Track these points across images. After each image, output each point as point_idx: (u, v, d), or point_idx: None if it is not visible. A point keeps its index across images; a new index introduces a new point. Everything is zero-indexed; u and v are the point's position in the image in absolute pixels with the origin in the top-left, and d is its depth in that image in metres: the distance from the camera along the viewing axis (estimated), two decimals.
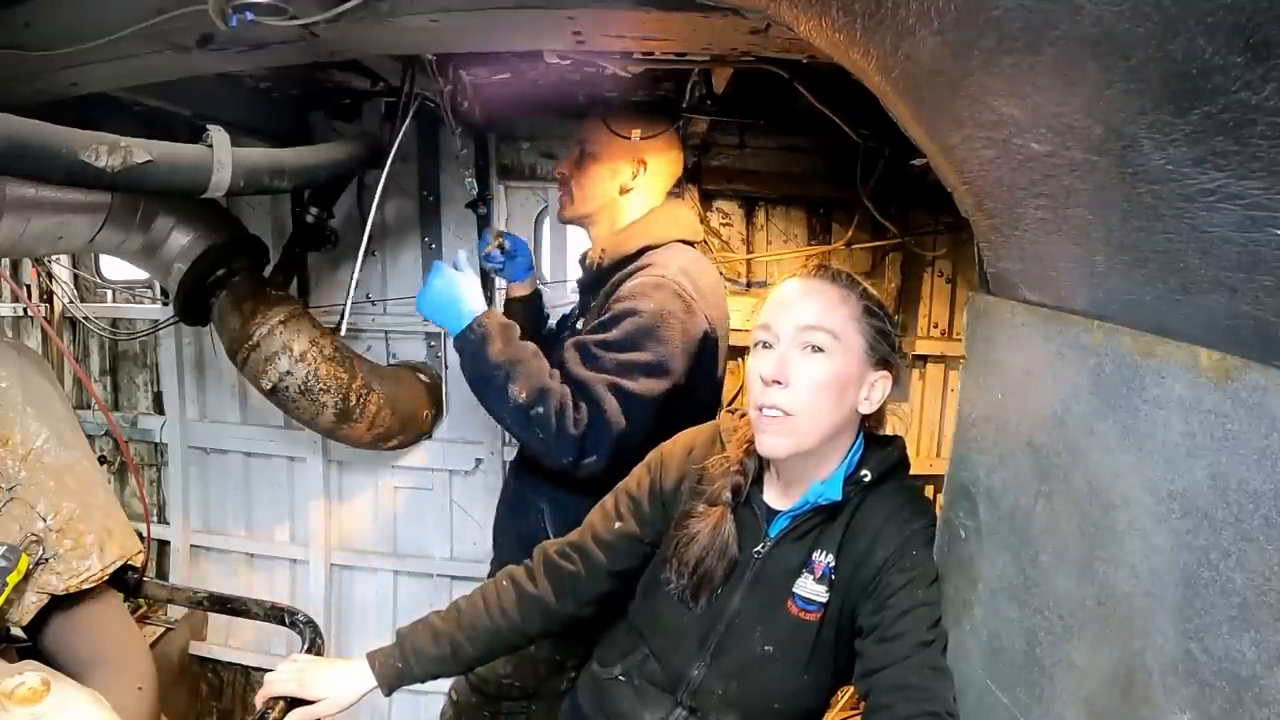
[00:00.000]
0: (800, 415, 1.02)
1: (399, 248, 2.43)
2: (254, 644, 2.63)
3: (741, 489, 1.12)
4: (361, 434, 2.17)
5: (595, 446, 1.43)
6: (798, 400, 1.02)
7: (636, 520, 1.21)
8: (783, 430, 1.03)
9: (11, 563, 1.22)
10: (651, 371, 1.44)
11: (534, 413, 1.42)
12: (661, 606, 1.17)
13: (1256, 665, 0.53)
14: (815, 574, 1.07)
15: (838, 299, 1.06)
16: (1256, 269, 0.51)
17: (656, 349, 1.44)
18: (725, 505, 1.11)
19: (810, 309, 1.05)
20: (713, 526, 1.10)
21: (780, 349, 1.04)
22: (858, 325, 1.05)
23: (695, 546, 1.11)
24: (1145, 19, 0.45)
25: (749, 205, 2.31)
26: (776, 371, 1.02)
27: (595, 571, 1.22)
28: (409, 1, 1.10)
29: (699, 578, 1.11)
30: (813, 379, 1.02)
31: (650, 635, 1.20)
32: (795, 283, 1.09)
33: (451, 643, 1.21)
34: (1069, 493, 0.75)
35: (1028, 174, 0.69)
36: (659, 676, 1.18)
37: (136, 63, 1.27)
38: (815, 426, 1.03)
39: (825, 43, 0.86)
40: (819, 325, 1.03)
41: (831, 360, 1.03)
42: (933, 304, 2.32)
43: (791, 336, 1.04)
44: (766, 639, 1.10)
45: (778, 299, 1.09)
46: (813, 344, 1.03)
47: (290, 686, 1.18)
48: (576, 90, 1.88)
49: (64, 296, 2.66)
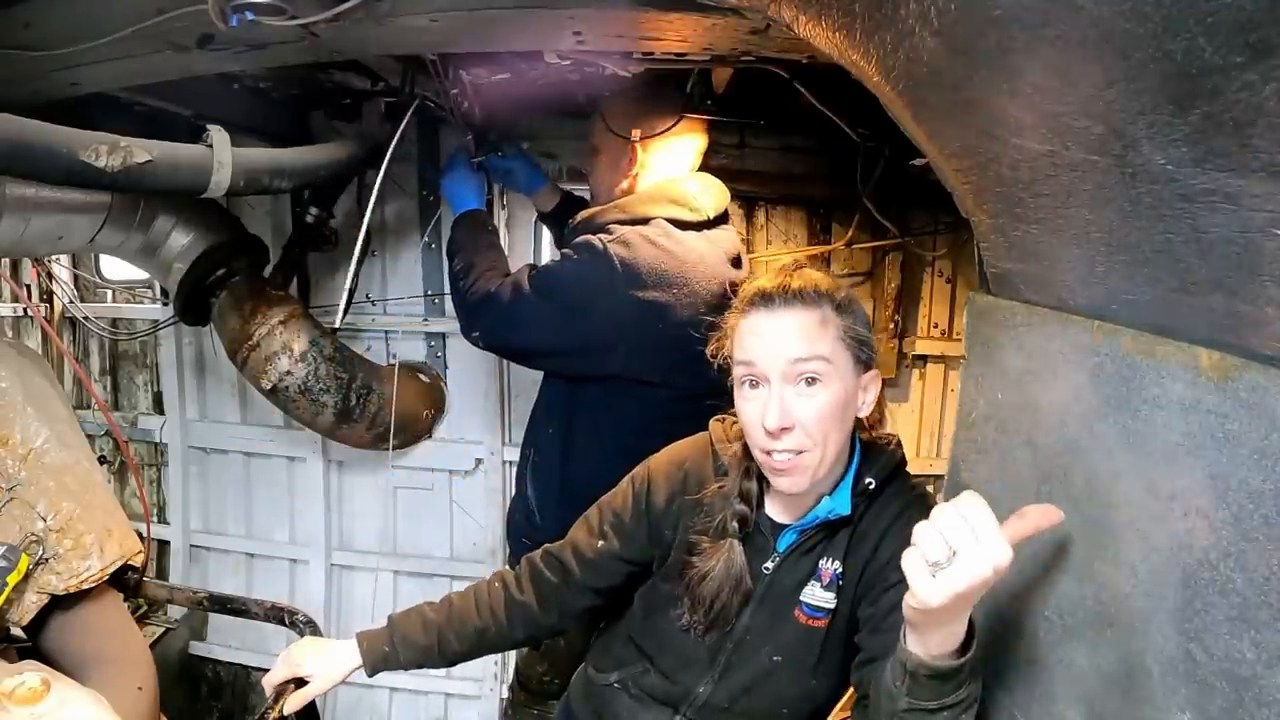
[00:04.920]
0: (813, 449, 0.98)
1: (399, 248, 2.43)
2: (254, 644, 2.62)
3: (748, 520, 1.08)
4: (361, 434, 2.17)
5: (479, 320, 1.64)
6: (808, 438, 0.97)
7: (620, 538, 1.18)
8: (798, 469, 0.99)
9: (11, 563, 1.22)
10: (548, 294, 1.55)
11: (460, 283, 1.68)
12: (668, 629, 1.15)
13: (1256, 665, 0.53)
14: (823, 581, 1.06)
15: (819, 321, 0.99)
16: (1256, 269, 0.51)
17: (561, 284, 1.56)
18: (733, 537, 1.08)
19: (795, 340, 0.98)
20: (725, 562, 1.07)
21: (774, 389, 0.98)
22: (843, 341, 0.99)
23: (710, 584, 1.08)
24: (1145, 19, 0.45)
25: (749, 205, 2.31)
26: (781, 419, 0.96)
27: (577, 587, 1.20)
28: (409, 1, 1.10)
29: (715, 614, 1.09)
30: (817, 413, 0.97)
31: (656, 655, 1.18)
32: (770, 312, 1.01)
33: (439, 635, 1.21)
34: (1069, 493, 0.75)
35: (1028, 174, 0.68)
36: (659, 691, 1.17)
37: (136, 63, 1.27)
38: (827, 454, 0.99)
39: (825, 43, 0.86)
40: (810, 355, 0.97)
41: (829, 387, 0.97)
42: (933, 304, 2.32)
43: (782, 373, 0.97)
44: (775, 650, 1.09)
45: (751, 328, 1.02)
46: (807, 376, 0.97)
47: (282, 670, 1.22)
48: (576, 90, 1.88)
49: (64, 296, 2.66)
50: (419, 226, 2.38)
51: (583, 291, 1.52)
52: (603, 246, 1.51)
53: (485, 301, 1.61)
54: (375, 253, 2.42)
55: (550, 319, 1.55)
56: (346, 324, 2.23)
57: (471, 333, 1.67)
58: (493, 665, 2.53)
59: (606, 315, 1.51)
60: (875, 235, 2.18)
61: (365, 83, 1.89)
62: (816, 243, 2.31)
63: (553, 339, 1.57)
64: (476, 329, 1.66)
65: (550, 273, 1.58)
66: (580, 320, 1.53)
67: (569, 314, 1.53)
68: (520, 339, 1.63)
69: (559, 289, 1.54)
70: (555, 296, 1.54)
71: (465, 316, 1.68)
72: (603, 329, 1.53)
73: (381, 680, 2.57)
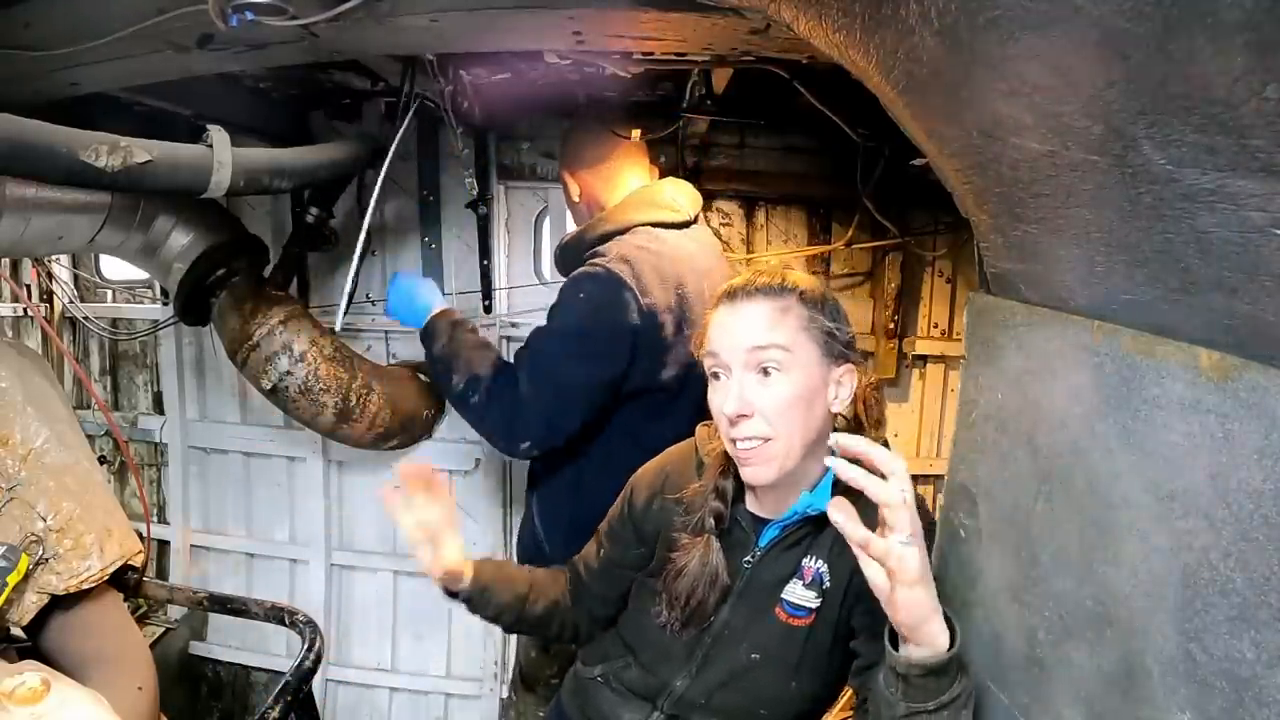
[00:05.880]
0: (776, 438, 0.98)
1: (399, 248, 2.43)
2: (254, 644, 2.62)
3: (723, 516, 1.10)
4: (361, 434, 2.17)
5: (526, 430, 1.51)
6: (768, 426, 0.98)
7: (614, 544, 1.24)
8: (763, 458, 0.99)
9: (11, 563, 1.22)
10: (581, 359, 1.50)
11: (472, 400, 1.53)
12: (648, 624, 1.17)
13: (1256, 665, 0.53)
14: (805, 579, 1.06)
15: (778, 310, 1.00)
16: (1256, 269, 0.51)
17: (585, 339, 1.50)
18: (710, 534, 1.09)
19: (753, 329, 0.99)
20: (700, 558, 1.08)
21: (734, 378, 0.99)
22: (806, 332, 1.00)
23: (685, 580, 1.09)
24: (1145, 19, 0.45)
25: (749, 205, 2.31)
26: (739, 406, 0.98)
27: (591, 596, 1.26)
28: (409, 1, 1.10)
29: (691, 610, 1.10)
30: (776, 401, 0.98)
31: (638, 648, 1.20)
32: (732, 305, 1.03)
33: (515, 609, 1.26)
34: (1069, 493, 0.75)
35: (1028, 174, 0.68)
36: (639, 684, 1.19)
37: (136, 63, 1.27)
38: (793, 444, 0.99)
39: (825, 43, 0.86)
40: (767, 344, 0.98)
41: (789, 376, 0.98)
42: (933, 304, 2.32)
43: (742, 362, 0.99)
44: (754, 647, 1.09)
45: (717, 321, 1.03)
46: (764, 365, 0.98)
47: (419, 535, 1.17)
48: (576, 90, 1.88)
49: (64, 296, 2.66)
50: (419, 226, 2.38)
51: (603, 318, 1.50)
52: (605, 271, 1.51)
53: (517, 409, 1.50)
54: (375, 252, 2.42)
55: (581, 366, 1.50)
56: (346, 324, 2.23)
57: (520, 445, 1.52)
58: (493, 665, 2.53)
59: (630, 332, 1.51)
60: (875, 235, 2.18)
61: (365, 83, 1.89)
62: (816, 243, 2.31)
63: (597, 381, 1.52)
64: (526, 439, 1.52)
65: (565, 319, 1.52)
66: (606, 346, 1.51)
67: (594, 346, 1.50)
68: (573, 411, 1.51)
69: (579, 329, 1.51)
70: (578, 339, 1.50)
71: (503, 436, 1.53)
72: (628, 346, 1.52)
73: (381, 680, 2.60)
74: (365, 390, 2.10)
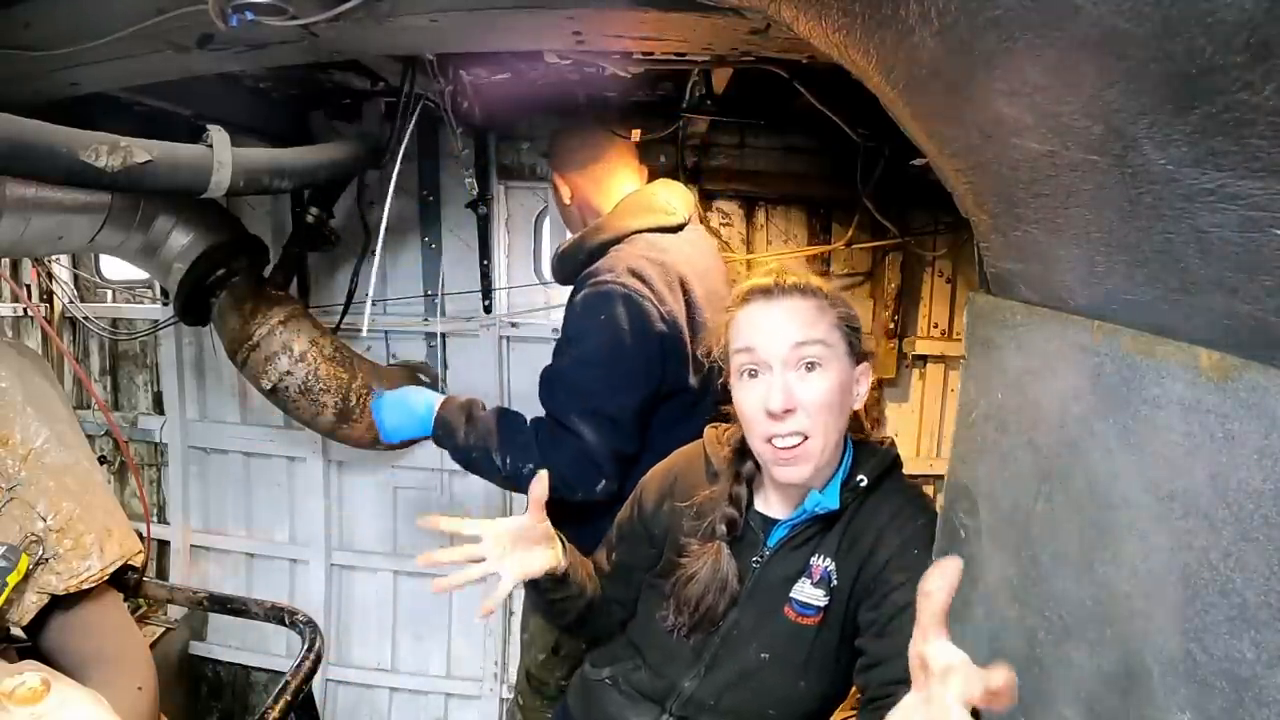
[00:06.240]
0: (815, 435, 1.00)
1: (399, 248, 2.43)
2: (254, 644, 2.63)
3: (736, 523, 1.10)
4: (361, 434, 2.17)
5: (599, 471, 1.46)
6: (810, 422, 0.99)
7: (623, 547, 1.24)
8: (802, 457, 1.00)
9: (11, 563, 1.22)
10: (626, 387, 1.47)
11: (526, 470, 1.46)
12: (655, 626, 1.17)
13: (1256, 665, 0.53)
14: (813, 578, 1.07)
15: (816, 308, 1.02)
16: (1256, 269, 0.51)
17: (623, 363, 1.47)
18: (721, 540, 1.09)
19: (796, 325, 1.01)
20: (712, 565, 1.09)
21: (775, 375, 1.00)
22: (839, 329, 1.03)
23: (695, 586, 1.09)
24: (1145, 19, 0.45)
25: (749, 205, 2.31)
26: (786, 401, 0.98)
27: (604, 600, 1.25)
28: (409, 1, 1.10)
29: (700, 616, 1.10)
30: (819, 396, 0.99)
31: (646, 650, 1.20)
32: (768, 301, 1.04)
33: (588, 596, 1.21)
34: (1069, 493, 0.75)
35: (1028, 174, 0.68)
36: (647, 686, 1.18)
37: (136, 63, 1.27)
38: (828, 441, 1.01)
39: (825, 43, 0.86)
40: (810, 340, 1.00)
41: (828, 371, 1.00)
42: (933, 304, 2.32)
43: (784, 358, 1.00)
44: (763, 647, 1.10)
45: (749, 320, 1.04)
46: (808, 360, 1.00)
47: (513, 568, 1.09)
48: (576, 90, 1.88)
49: (64, 296, 2.66)
50: (419, 226, 2.38)
51: (635, 338, 1.48)
52: (621, 287, 1.48)
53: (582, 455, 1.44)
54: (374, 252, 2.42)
55: (627, 394, 1.48)
56: (346, 324, 2.23)
57: (597, 488, 1.47)
58: (493, 665, 2.53)
59: (659, 340, 1.50)
60: (875, 235, 2.18)
61: (365, 83, 1.89)
62: (816, 243, 2.31)
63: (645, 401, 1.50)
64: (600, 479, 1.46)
65: (597, 347, 1.48)
66: (644, 364, 1.50)
67: (634, 366, 1.48)
68: (633, 436, 1.49)
69: (615, 355, 1.48)
70: (618, 366, 1.48)
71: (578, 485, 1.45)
72: (660, 356, 1.51)
73: (381, 680, 2.60)
74: (365, 390, 2.10)
